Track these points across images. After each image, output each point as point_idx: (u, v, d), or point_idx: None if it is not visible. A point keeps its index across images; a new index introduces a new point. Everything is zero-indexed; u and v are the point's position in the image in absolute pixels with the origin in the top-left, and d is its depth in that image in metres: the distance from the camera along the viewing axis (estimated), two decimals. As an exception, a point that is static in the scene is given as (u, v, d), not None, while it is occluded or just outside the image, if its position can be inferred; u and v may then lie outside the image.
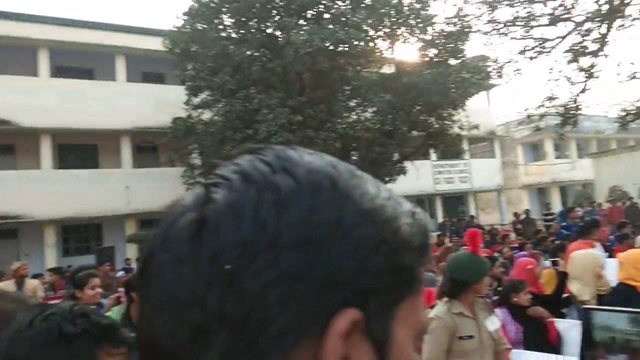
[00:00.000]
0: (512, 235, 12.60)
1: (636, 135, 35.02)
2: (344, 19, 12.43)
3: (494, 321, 2.88)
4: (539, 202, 31.90)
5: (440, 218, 23.44)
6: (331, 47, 11.87)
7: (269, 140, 11.08)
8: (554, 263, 5.28)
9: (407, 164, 16.04)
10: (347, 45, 12.31)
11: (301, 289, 0.37)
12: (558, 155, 34.35)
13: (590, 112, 33.34)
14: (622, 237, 7.88)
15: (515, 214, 17.40)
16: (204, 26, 13.21)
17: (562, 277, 5.09)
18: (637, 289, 4.53)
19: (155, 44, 15.66)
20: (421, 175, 23.09)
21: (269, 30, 13.24)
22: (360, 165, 12.01)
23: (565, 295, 5.22)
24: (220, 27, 13.36)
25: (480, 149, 30.46)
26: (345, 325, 0.37)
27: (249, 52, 12.67)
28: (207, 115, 14.12)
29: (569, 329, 4.21)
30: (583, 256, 4.77)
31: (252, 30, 13.14)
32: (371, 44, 14.01)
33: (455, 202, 28.45)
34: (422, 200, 27.71)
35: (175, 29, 14.07)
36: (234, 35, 13.53)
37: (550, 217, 16.99)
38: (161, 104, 16.03)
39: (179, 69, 14.02)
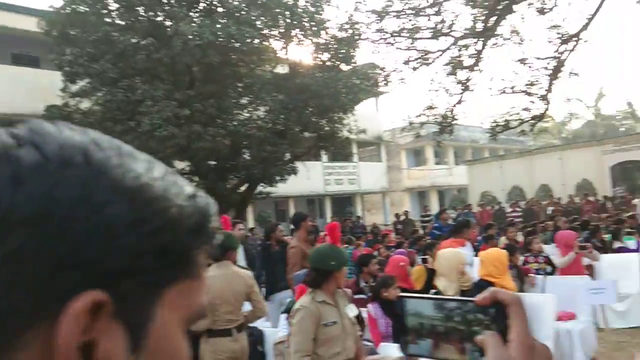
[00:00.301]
0: (393, 235, 13.26)
1: (506, 145, 38.68)
2: (237, 14, 12.26)
3: (353, 309, 3.10)
4: (419, 205, 33.88)
5: (328, 218, 24.00)
6: (223, 42, 11.64)
7: (153, 133, 10.61)
8: (424, 260, 5.64)
9: (299, 165, 16.24)
10: (240, 42, 12.16)
11: (33, 269, 0.34)
12: (437, 161, 36.91)
13: (467, 123, 36.18)
14: (487, 238, 8.62)
15: (396, 215, 18.37)
16: (86, 9, 12.29)
17: (431, 273, 5.45)
18: (494, 285, 4.98)
19: (30, 24, 14.30)
20: (312, 176, 23.49)
21: (158, 19, 12.66)
22: (251, 163, 11.92)
23: (433, 291, 5.59)
24: (104, 11, 12.51)
25: (368, 153, 31.79)
26: (82, 307, 0.34)
27: (134, 40, 12.01)
28: (85, 104, 13.16)
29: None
30: (448, 254, 5.14)
31: (140, 18, 12.47)
32: (265, 43, 13.97)
33: (344, 202, 29.37)
34: (313, 201, 28.27)
35: (53, 10, 12.93)
36: (119, 21, 12.74)
37: (427, 218, 18.16)
38: (34, 90, 14.64)
39: (55, 52, 12.89)
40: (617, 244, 7.88)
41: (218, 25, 11.50)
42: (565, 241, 7.06)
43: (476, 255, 6.37)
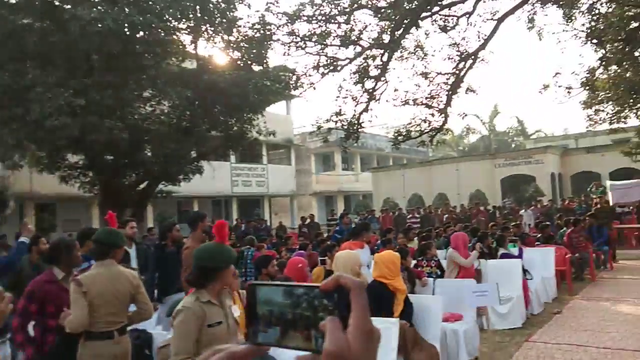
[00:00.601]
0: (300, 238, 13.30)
1: (409, 155, 40.45)
2: (143, 3, 11.67)
3: (236, 309, 3.03)
4: (326, 209, 34.41)
5: (234, 220, 23.62)
6: (125, 31, 11.02)
7: (43, 123, 9.76)
8: (323, 262, 5.68)
9: (204, 164, 15.80)
10: (145, 32, 11.60)
11: None
12: (345, 167, 37.76)
13: (374, 132, 37.47)
14: (385, 242, 8.92)
15: (302, 218, 18.50)
16: (-31, -19, 11.11)
17: (329, 274, 5.49)
18: (387, 285, 5.11)
19: None
20: (219, 177, 23.02)
21: (55, 1, 11.72)
22: (152, 160, 11.34)
23: (329, 292, 5.63)
24: (-9, -14, 11.38)
25: (278, 156, 31.79)
26: None
27: (26, 21, 11.03)
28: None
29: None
30: (345, 255, 5.21)
31: (34, -3, 11.48)
32: (173, 36, 13.46)
33: (251, 205, 29.07)
34: (219, 202, 27.67)
35: None
36: (9, -2, 11.65)
37: (333, 222, 18.51)
38: None
39: None
40: (501, 251, 8.47)
41: (121, 13, 10.87)
42: (463, 241, 7.45)
43: (374, 258, 6.57)
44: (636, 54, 13.61)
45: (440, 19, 12.92)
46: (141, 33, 12.17)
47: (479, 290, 5.51)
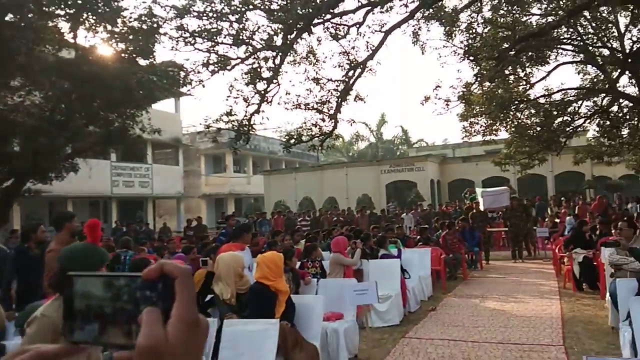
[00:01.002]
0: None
1: (301, 159, 40.96)
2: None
3: None
4: (216, 212, 33.65)
5: (114, 222, 22.17)
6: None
7: None
8: (204, 263, 5.49)
9: (80, 162, 14.64)
10: (14, 15, 10.49)
11: None
12: (237, 169, 37.27)
13: (267, 135, 37.46)
14: (271, 244, 8.89)
15: (188, 221, 17.89)
16: None
17: (209, 276, 5.31)
18: (269, 287, 5.05)
19: None
20: (97, 176, 21.49)
21: None
22: (19, 155, 10.22)
23: (210, 295, 5.45)
24: None
25: (165, 156, 30.47)
26: None
27: None
28: None
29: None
30: (228, 257, 5.08)
31: None
32: (49, 22, 12.32)
33: (134, 207, 27.50)
34: (97, 202, 25.83)
35: None
36: None
37: (223, 225, 18.09)
38: None
39: None
40: (382, 251, 8.82)
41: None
42: (343, 244, 7.66)
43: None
44: (506, 72, 14.99)
45: (332, 26, 13.20)
46: (10, 15, 10.98)
47: (359, 289, 5.65)
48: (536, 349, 5.86)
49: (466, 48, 13.95)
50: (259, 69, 13.12)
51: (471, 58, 13.65)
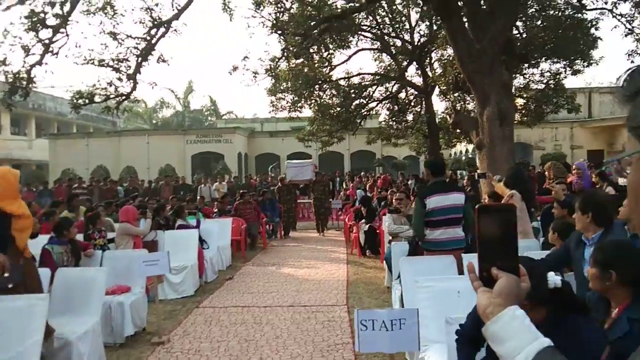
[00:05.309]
0: None
1: (97, 123, 37.31)
2: None
3: None
4: (-13, 180, 28.75)
5: None
6: None
7: None
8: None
9: None
10: None
11: None
12: (16, 131, 32.27)
13: (56, 93, 33.12)
14: (49, 214, 7.84)
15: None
16: None
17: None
18: None
19: None
20: None
21: None
22: None
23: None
24: None
25: None
26: None
27: None
28: None
29: None
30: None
31: None
32: None
33: None
34: None
35: None
36: None
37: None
38: None
39: None
40: (179, 222, 8.45)
41: None
42: (133, 214, 7.10)
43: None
44: (312, 50, 15.51)
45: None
46: None
47: (149, 260, 5.27)
48: (322, 309, 6.22)
49: (274, 21, 14.05)
50: (42, 14, 11.36)
51: (279, 32, 13.81)
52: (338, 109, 18.41)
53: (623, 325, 2.24)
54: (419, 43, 17.83)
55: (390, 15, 17.59)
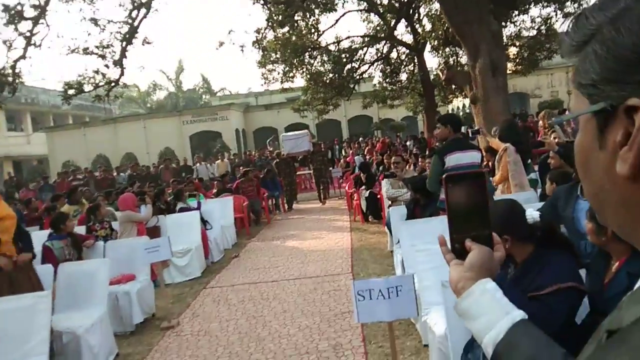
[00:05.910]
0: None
1: (92, 112, 37.08)
2: None
3: None
4: (-10, 179, 28.80)
5: None
6: None
7: None
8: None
9: None
10: None
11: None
12: (12, 127, 32.13)
13: (48, 86, 32.82)
14: (51, 209, 7.86)
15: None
16: None
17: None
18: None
19: None
20: None
21: None
22: None
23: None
24: None
25: None
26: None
27: None
28: None
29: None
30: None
31: None
32: None
33: None
34: None
35: None
36: None
37: (-5, 193, 15.46)
38: None
39: None
40: (180, 205, 8.45)
41: None
42: (132, 201, 7.08)
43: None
44: (297, 17, 15.19)
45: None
46: None
47: (150, 247, 5.29)
48: (328, 279, 6.27)
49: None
50: (19, 6, 11.17)
51: (262, 2, 13.51)
52: (330, 75, 18.16)
53: (622, 280, 2.22)
54: (407, -1, 17.41)
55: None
